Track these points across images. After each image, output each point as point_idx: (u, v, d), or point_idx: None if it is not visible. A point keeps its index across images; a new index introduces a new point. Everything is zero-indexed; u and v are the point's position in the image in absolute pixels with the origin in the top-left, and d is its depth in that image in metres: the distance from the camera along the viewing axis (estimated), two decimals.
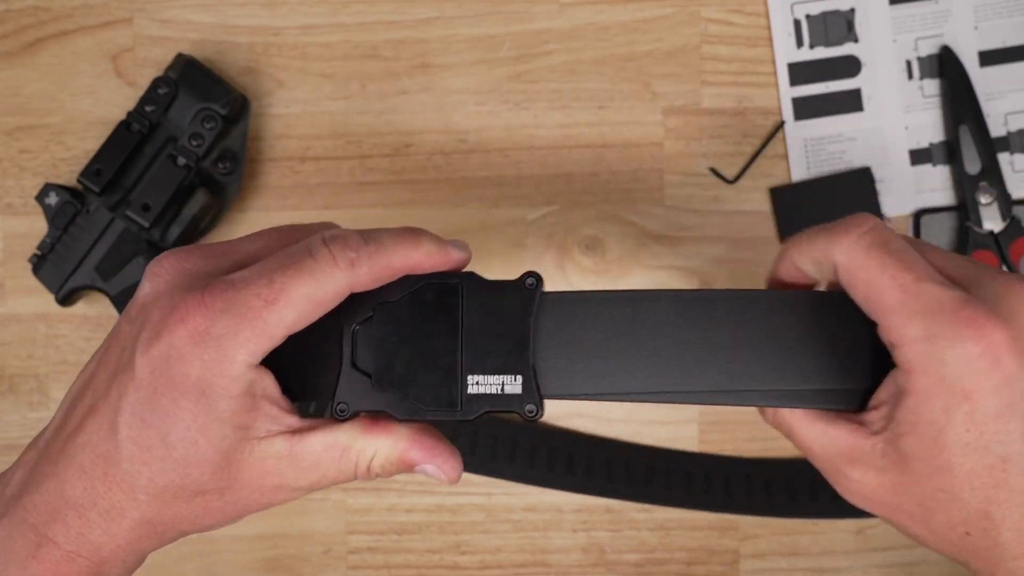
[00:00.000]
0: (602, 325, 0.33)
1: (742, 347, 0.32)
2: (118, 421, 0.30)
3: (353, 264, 0.31)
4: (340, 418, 0.32)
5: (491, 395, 0.32)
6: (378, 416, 0.33)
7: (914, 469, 0.30)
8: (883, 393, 0.31)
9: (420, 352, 0.32)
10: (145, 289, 0.31)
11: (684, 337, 0.32)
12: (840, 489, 0.33)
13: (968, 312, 0.29)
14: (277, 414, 0.31)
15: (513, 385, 0.32)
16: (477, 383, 0.32)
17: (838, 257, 0.31)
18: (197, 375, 0.30)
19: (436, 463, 0.33)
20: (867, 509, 0.32)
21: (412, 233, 0.32)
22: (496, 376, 0.32)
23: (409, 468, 0.33)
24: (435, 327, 0.32)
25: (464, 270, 0.33)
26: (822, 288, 0.35)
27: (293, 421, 0.32)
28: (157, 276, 0.31)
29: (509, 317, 0.32)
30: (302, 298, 0.30)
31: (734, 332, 0.32)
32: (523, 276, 0.33)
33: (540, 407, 0.32)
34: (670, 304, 0.33)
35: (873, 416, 0.31)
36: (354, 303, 0.32)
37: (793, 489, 0.53)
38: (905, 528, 0.32)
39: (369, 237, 0.32)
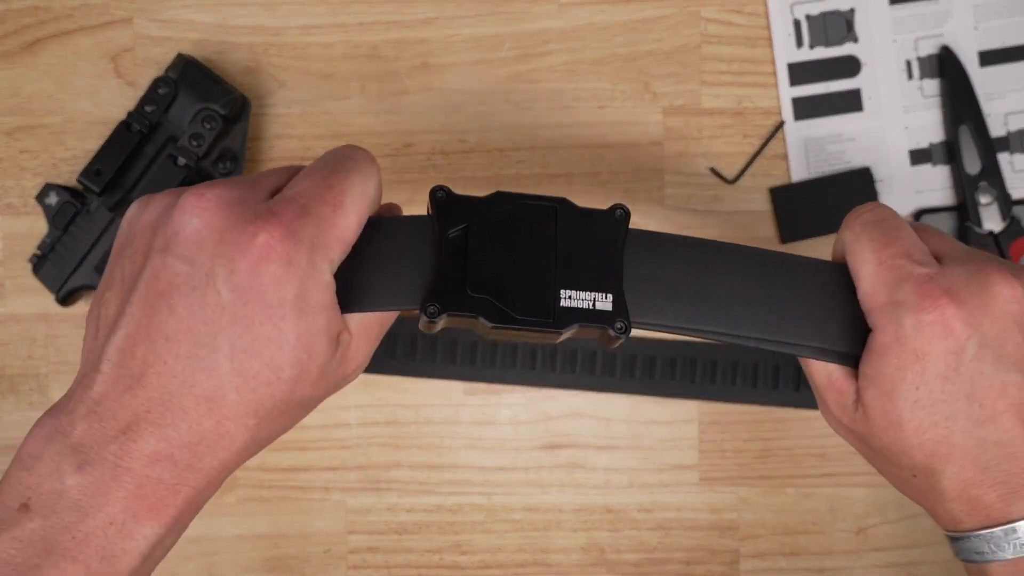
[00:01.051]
0: (679, 265, 0.35)
1: (787, 304, 0.35)
2: (216, 359, 0.30)
3: (369, 156, 0.33)
4: (433, 317, 0.33)
5: (583, 309, 0.33)
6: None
7: (873, 421, 0.34)
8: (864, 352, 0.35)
9: (514, 264, 0.33)
10: (193, 224, 0.30)
11: (744, 288, 0.35)
12: (824, 416, 0.37)
13: (929, 286, 0.32)
14: (341, 315, 0.32)
15: (604, 302, 0.33)
16: (570, 297, 0.33)
17: (843, 235, 0.36)
18: (294, 293, 0.30)
19: None
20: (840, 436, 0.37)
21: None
22: (588, 292, 0.33)
23: None
24: (530, 243, 0.33)
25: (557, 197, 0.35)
26: None
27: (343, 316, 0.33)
28: (204, 210, 0.30)
29: (600, 242, 0.34)
30: (360, 195, 0.32)
31: (781, 291, 0.36)
32: (613, 207, 0.34)
33: (629, 325, 0.33)
34: (734, 258, 0.36)
35: (862, 364, 0.35)
36: (449, 213, 0.33)
37: (756, 375, 0.54)
38: (868, 461, 0.37)
39: None
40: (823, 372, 0.36)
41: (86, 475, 0.29)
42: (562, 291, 0.33)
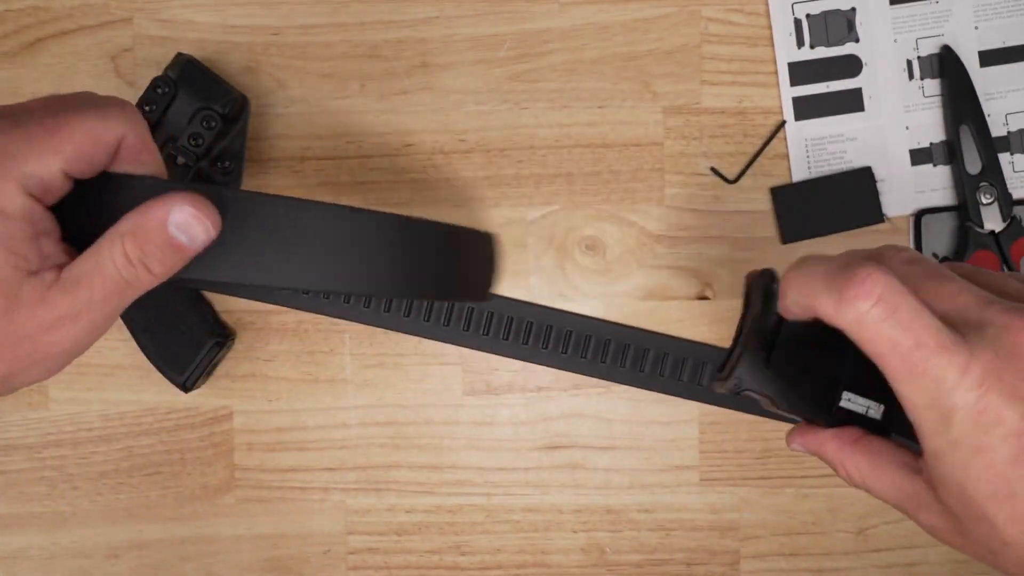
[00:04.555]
0: None
1: None
2: None
3: (135, 121, 0.33)
4: (734, 391, 0.36)
5: (856, 413, 0.36)
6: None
7: (962, 518, 0.31)
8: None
9: (812, 360, 0.37)
10: None
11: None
12: (925, 529, 0.34)
13: (970, 377, 0.30)
14: (54, 252, 0.32)
15: (875, 411, 0.36)
16: (849, 400, 0.36)
17: (846, 327, 0.32)
18: None
19: (180, 205, 0.32)
20: (949, 547, 0.34)
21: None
22: (865, 400, 0.36)
23: (164, 233, 0.32)
24: (829, 342, 0.35)
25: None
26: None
27: (68, 259, 0.32)
28: None
29: None
30: (83, 131, 0.31)
31: None
32: None
33: (890, 435, 0.36)
34: None
35: (923, 464, 0.33)
36: (771, 302, 0.37)
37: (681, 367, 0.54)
38: (987, 564, 0.33)
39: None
40: (889, 486, 0.34)
41: None
42: (845, 393, 0.36)
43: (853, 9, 0.54)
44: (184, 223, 0.32)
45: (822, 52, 0.55)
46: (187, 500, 0.56)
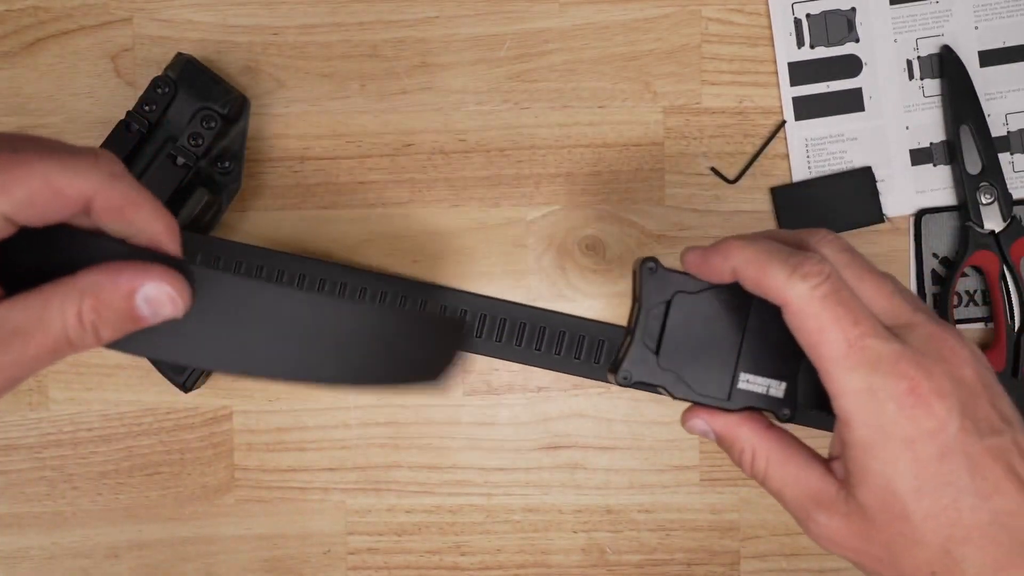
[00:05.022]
0: None
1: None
2: None
3: (112, 176, 0.29)
4: (624, 384, 0.36)
5: (756, 393, 0.36)
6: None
7: (874, 517, 0.32)
8: (836, 444, 0.33)
9: (704, 343, 0.36)
10: None
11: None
12: (810, 533, 0.34)
13: (903, 365, 0.31)
14: None
15: (777, 390, 0.36)
16: (747, 381, 0.36)
17: (791, 299, 0.33)
18: None
19: (156, 280, 0.29)
20: (836, 553, 0.34)
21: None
22: (765, 379, 0.36)
23: (129, 302, 0.29)
24: (722, 324, 0.36)
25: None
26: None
27: None
28: None
29: (787, 332, 0.35)
30: (40, 177, 0.28)
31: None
32: None
33: (795, 412, 0.36)
34: None
35: (836, 464, 0.33)
36: (657, 286, 0.37)
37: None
38: (875, 572, 0.33)
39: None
40: (792, 481, 0.34)
41: None
42: (742, 374, 0.36)
43: (853, 9, 0.54)
44: (156, 299, 0.29)
45: (822, 52, 0.55)
46: (187, 500, 0.56)
